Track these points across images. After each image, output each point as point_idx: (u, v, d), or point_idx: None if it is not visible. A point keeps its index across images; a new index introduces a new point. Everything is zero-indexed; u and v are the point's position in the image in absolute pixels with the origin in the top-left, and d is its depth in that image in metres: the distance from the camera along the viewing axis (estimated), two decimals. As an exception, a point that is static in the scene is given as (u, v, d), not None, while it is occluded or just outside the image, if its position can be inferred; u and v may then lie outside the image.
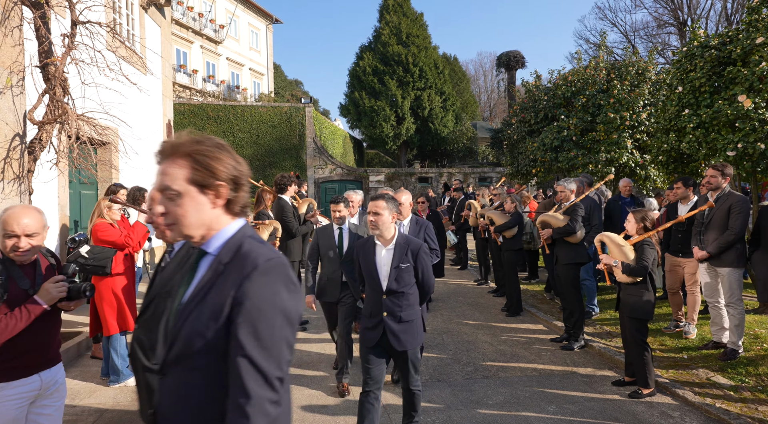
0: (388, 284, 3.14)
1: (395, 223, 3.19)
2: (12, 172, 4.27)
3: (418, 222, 4.03)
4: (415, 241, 3.22)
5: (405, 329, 3.14)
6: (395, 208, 3.14)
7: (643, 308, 4.05)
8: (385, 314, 3.12)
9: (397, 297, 3.14)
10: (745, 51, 6.16)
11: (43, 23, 4.43)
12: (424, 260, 3.17)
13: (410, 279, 3.16)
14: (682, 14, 25.33)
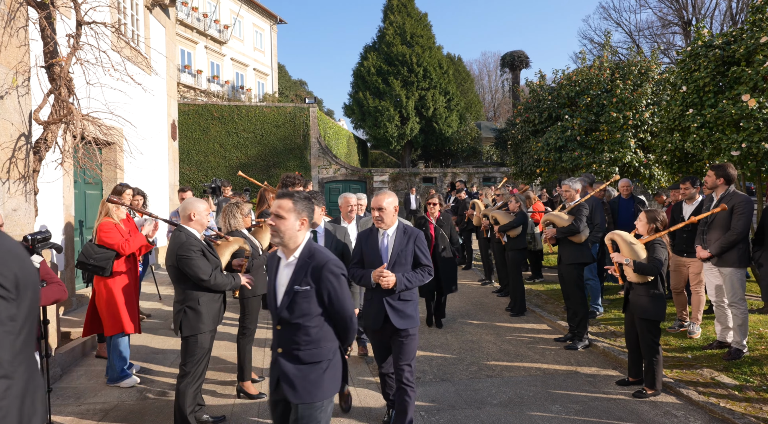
0: (279, 310, 2.38)
1: (307, 230, 2.49)
2: (17, 172, 4.30)
3: (406, 231, 3.41)
4: (322, 255, 2.40)
5: (303, 373, 2.33)
6: (308, 212, 2.42)
7: (654, 308, 4.01)
8: (279, 351, 2.40)
9: (292, 330, 2.37)
10: (749, 50, 6.13)
11: (49, 24, 4.46)
12: (331, 283, 2.35)
13: (310, 308, 2.35)
14: (687, 14, 25.21)
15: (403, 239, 3.40)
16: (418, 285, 3.40)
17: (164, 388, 4.36)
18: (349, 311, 2.41)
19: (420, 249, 3.42)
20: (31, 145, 4.49)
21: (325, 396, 2.33)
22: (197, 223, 3.50)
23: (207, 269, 3.38)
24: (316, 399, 2.31)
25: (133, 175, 7.99)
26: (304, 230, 2.44)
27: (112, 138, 5.23)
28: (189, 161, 18.80)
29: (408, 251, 3.37)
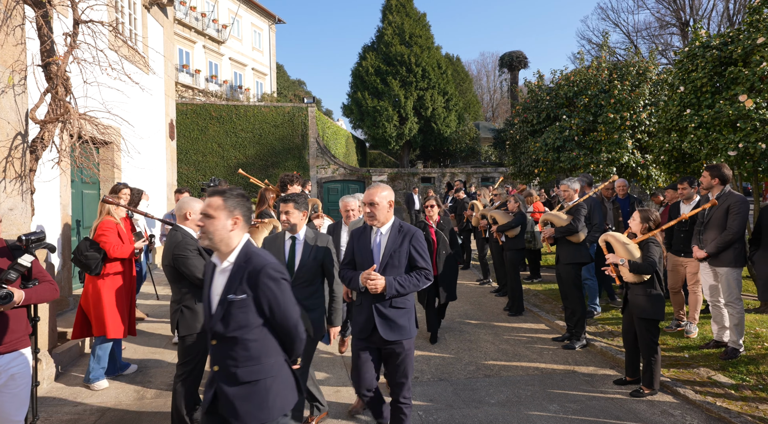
0: (212, 323, 2.12)
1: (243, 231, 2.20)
2: (14, 171, 4.28)
3: (401, 229, 3.08)
4: (260, 258, 2.12)
5: (244, 394, 2.07)
6: (242, 209, 2.17)
7: (653, 308, 4.01)
8: (216, 369, 2.14)
9: (228, 345, 2.10)
10: (746, 51, 6.15)
11: (45, 22, 4.44)
12: (270, 290, 2.07)
13: (247, 319, 2.08)
14: (685, 15, 25.26)
15: (397, 237, 3.05)
16: (413, 291, 3.02)
17: (161, 388, 4.35)
18: (294, 319, 2.15)
19: (417, 250, 3.04)
20: (28, 144, 4.47)
21: (272, 417, 2.09)
22: (193, 222, 3.49)
23: (203, 268, 3.37)
24: (266, 421, 2.07)
25: (130, 175, 7.98)
26: (239, 231, 2.15)
27: (109, 137, 5.22)
28: (187, 161, 18.77)
29: (402, 251, 3.02)
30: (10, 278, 2.68)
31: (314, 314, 3.32)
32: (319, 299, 3.37)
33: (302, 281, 3.27)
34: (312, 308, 3.31)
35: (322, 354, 5.15)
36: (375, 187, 3.08)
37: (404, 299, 3.04)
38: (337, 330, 3.45)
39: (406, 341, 3.03)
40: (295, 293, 2.93)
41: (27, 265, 2.76)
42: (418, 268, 3.06)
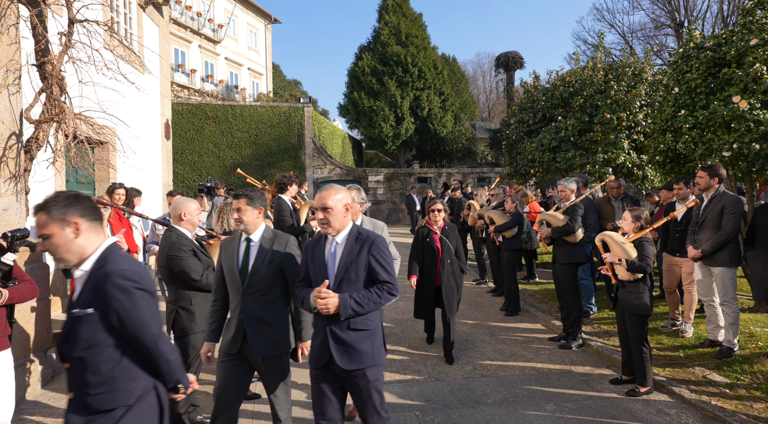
0: (58, 342, 1.89)
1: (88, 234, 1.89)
2: (8, 171, 4.26)
3: (359, 236, 2.62)
4: (111, 265, 1.84)
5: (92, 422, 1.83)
6: (78, 212, 1.87)
7: (645, 304, 4.08)
8: (70, 397, 1.87)
9: (78, 368, 1.83)
10: (740, 53, 6.19)
11: (40, 21, 4.42)
12: (119, 301, 1.79)
13: (96, 337, 1.81)
14: (679, 16, 25.40)
15: (353, 247, 2.58)
16: (374, 309, 2.53)
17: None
18: (151, 336, 1.84)
19: (377, 260, 2.56)
20: (23, 144, 4.45)
21: None
22: (188, 222, 3.48)
23: (198, 268, 3.36)
24: None
25: (126, 175, 7.94)
26: (88, 235, 1.86)
27: (104, 137, 5.20)
28: (183, 161, 18.71)
29: (360, 263, 2.54)
30: None
31: (273, 328, 2.85)
32: (278, 310, 2.90)
33: (256, 289, 2.83)
34: (270, 320, 2.85)
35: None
36: (327, 189, 2.63)
37: (366, 319, 2.57)
38: (307, 345, 2.98)
39: (369, 370, 2.54)
40: (249, 304, 2.80)
41: (9, 263, 2.74)
42: (380, 281, 2.56)
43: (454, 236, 5.07)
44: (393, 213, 20.73)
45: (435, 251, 4.96)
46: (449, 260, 4.95)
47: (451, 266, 4.96)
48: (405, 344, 5.51)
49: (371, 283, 2.60)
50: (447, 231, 5.05)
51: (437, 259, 4.96)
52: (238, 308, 2.86)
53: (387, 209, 20.72)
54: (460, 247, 5.11)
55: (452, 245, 5.02)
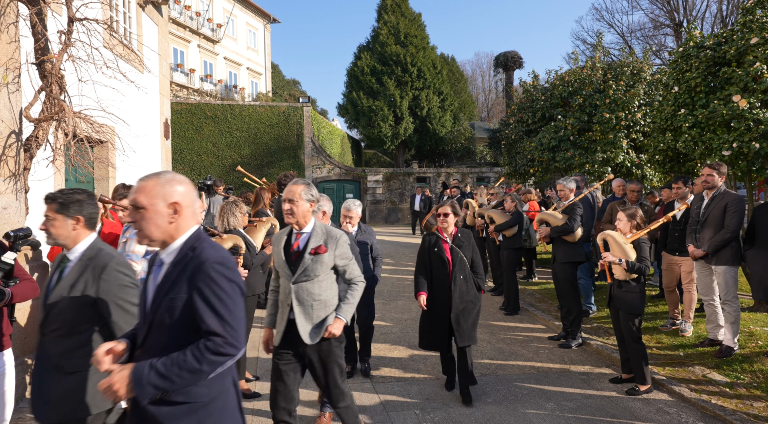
0: None
1: None
2: (8, 170, 4.25)
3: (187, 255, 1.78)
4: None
5: None
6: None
7: (640, 303, 4.12)
8: None
9: None
10: (740, 51, 6.20)
11: (39, 20, 4.41)
12: None
13: None
14: (678, 16, 25.42)
15: (172, 273, 1.73)
16: (191, 383, 1.66)
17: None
18: None
19: (204, 295, 1.67)
20: (22, 142, 4.44)
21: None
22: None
23: None
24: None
25: (125, 174, 7.93)
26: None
27: (104, 136, 5.19)
28: (182, 161, 18.69)
29: (177, 300, 1.69)
30: None
31: (72, 382, 2.14)
32: (86, 357, 2.08)
33: (55, 327, 2.17)
34: (71, 370, 2.15)
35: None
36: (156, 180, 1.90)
37: (186, 392, 1.70)
38: None
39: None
40: (46, 346, 2.16)
41: (11, 262, 2.73)
42: (204, 332, 1.67)
43: (469, 246, 4.15)
44: (392, 213, 20.73)
45: (445, 263, 4.06)
46: (462, 275, 4.05)
47: (465, 282, 4.05)
48: (404, 344, 5.50)
49: (195, 333, 1.69)
50: (460, 239, 4.14)
51: (448, 274, 4.05)
52: None
53: (386, 209, 20.71)
54: (477, 259, 4.19)
55: (467, 257, 4.11)
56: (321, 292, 2.86)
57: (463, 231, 4.24)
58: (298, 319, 2.81)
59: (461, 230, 4.23)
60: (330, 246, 2.87)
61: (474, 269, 4.15)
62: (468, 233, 4.26)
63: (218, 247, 1.80)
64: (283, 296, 2.91)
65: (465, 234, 4.21)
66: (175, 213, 1.76)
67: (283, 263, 2.88)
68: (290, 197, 2.79)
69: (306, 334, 2.81)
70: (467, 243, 4.15)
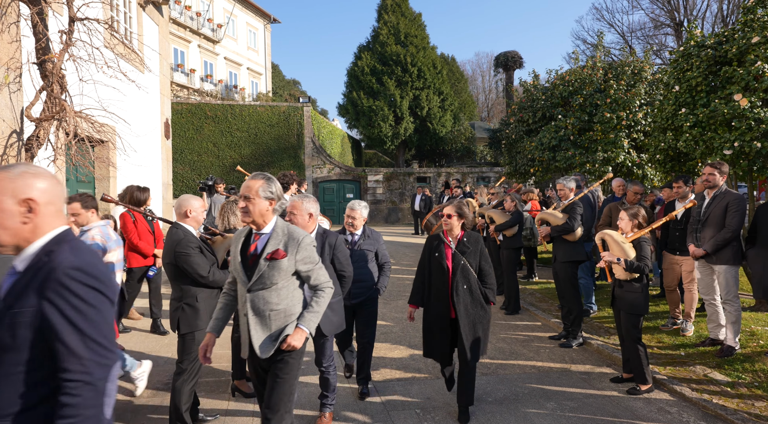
0: None
1: None
2: (9, 169, 4.25)
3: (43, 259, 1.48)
4: None
5: None
6: None
7: (641, 303, 4.10)
8: None
9: None
10: (741, 50, 6.19)
11: (41, 20, 4.42)
12: None
13: None
14: (679, 15, 25.42)
15: (16, 285, 1.43)
16: None
17: (158, 386, 4.33)
18: None
19: (66, 316, 1.37)
20: (23, 142, 4.44)
21: None
22: (193, 220, 3.48)
23: (205, 265, 3.36)
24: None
25: (126, 173, 7.94)
26: None
27: (105, 135, 5.19)
28: (182, 160, 18.70)
29: (24, 315, 1.37)
30: None
31: None
32: None
33: None
34: None
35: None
36: None
37: None
38: None
39: None
40: None
41: None
42: (62, 354, 1.36)
43: (475, 252, 3.68)
44: (392, 213, 20.73)
45: (444, 271, 3.66)
46: (465, 285, 3.61)
47: (469, 294, 3.62)
48: (405, 343, 5.50)
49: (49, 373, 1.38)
50: (466, 244, 3.69)
51: (447, 282, 3.66)
52: None
53: (386, 209, 20.72)
54: (487, 267, 3.74)
55: (472, 265, 3.66)
56: (280, 301, 2.54)
57: (472, 235, 3.76)
58: (253, 330, 2.53)
59: (469, 233, 3.75)
60: (290, 250, 2.53)
61: (482, 279, 3.70)
62: (477, 237, 3.76)
63: (84, 251, 1.50)
64: (240, 304, 2.64)
65: (473, 239, 3.73)
66: (29, 212, 1.45)
67: (239, 267, 2.57)
68: (246, 194, 2.50)
69: (258, 346, 2.52)
70: (473, 249, 3.68)
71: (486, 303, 3.71)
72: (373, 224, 19.92)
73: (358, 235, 4.08)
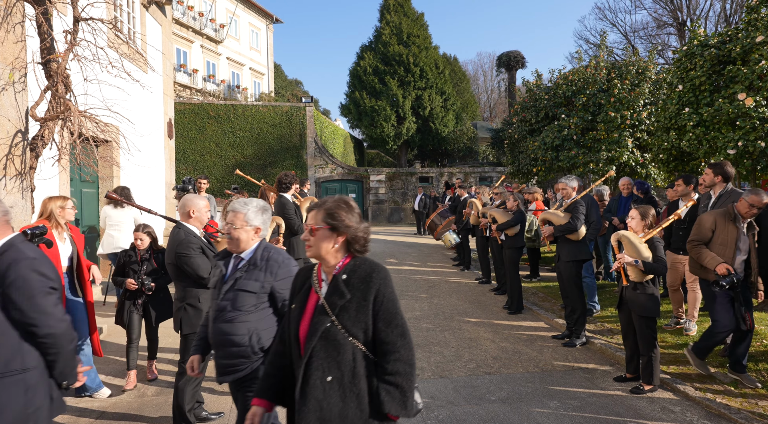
0: None
1: None
2: (14, 169, 4.27)
3: None
4: None
5: None
6: None
7: (653, 305, 4.06)
8: None
9: None
10: (745, 50, 6.18)
11: (45, 20, 4.44)
12: None
13: None
14: (682, 15, 25.36)
15: None
16: None
17: (162, 385, 4.35)
18: None
19: None
20: (28, 141, 4.46)
21: None
22: (196, 220, 3.49)
23: (206, 266, 3.36)
24: None
25: (130, 173, 7.97)
26: None
27: (109, 135, 5.21)
28: (185, 160, 18.74)
29: None
30: None
31: None
32: None
33: None
34: None
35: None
36: None
37: None
38: None
39: None
40: None
41: None
42: None
43: (362, 303, 1.83)
44: (395, 212, 20.74)
45: (296, 341, 1.92)
46: (330, 374, 1.80)
47: (331, 390, 1.78)
48: (409, 342, 5.50)
49: None
50: (344, 286, 1.85)
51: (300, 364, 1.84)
52: None
53: (389, 209, 20.73)
54: (388, 333, 1.84)
55: (352, 329, 1.82)
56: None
57: (363, 267, 1.87)
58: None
59: (359, 264, 1.89)
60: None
61: (381, 360, 1.84)
62: (372, 271, 1.86)
63: None
64: None
65: (363, 274, 1.85)
66: None
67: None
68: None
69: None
70: (360, 296, 1.82)
71: (379, 419, 1.83)
72: (375, 224, 19.92)
73: (244, 258, 2.50)
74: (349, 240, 1.91)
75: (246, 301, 2.39)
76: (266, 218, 2.55)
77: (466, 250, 9.93)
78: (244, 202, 2.53)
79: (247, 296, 2.39)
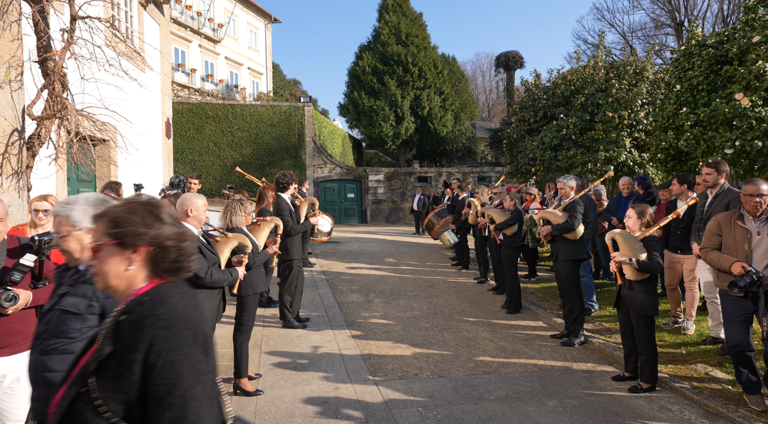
0: None
1: None
2: (10, 168, 4.25)
3: None
4: None
5: None
6: None
7: (652, 304, 4.06)
8: None
9: None
10: (742, 50, 6.19)
11: (42, 18, 4.42)
12: None
13: None
14: (679, 15, 25.40)
15: None
16: None
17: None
18: None
19: None
20: (25, 140, 4.44)
21: None
22: (194, 219, 3.47)
23: (203, 266, 3.35)
24: None
25: (127, 172, 7.94)
26: None
27: (106, 134, 5.20)
28: (183, 160, 18.70)
29: None
30: (14, 279, 2.59)
31: None
32: None
33: None
34: None
35: (320, 350, 5.14)
36: None
37: None
38: None
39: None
40: None
41: (30, 265, 2.71)
42: None
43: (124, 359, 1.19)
44: (393, 212, 20.73)
45: None
46: None
47: None
48: (407, 342, 5.50)
49: None
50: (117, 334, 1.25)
51: None
52: None
53: (387, 209, 20.72)
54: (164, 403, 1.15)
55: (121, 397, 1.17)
56: None
57: (148, 305, 1.29)
58: None
59: (157, 296, 1.33)
60: None
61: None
62: (142, 319, 1.24)
63: None
64: None
65: (138, 314, 1.26)
66: None
67: None
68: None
69: None
70: (124, 355, 1.20)
71: None
72: (374, 224, 19.93)
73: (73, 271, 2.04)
74: (153, 256, 1.33)
75: (68, 325, 1.81)
76: None
77: (464, 249, 9.94)
78: (66, 202, 1.97)
79: (71, 318, 1.82)
